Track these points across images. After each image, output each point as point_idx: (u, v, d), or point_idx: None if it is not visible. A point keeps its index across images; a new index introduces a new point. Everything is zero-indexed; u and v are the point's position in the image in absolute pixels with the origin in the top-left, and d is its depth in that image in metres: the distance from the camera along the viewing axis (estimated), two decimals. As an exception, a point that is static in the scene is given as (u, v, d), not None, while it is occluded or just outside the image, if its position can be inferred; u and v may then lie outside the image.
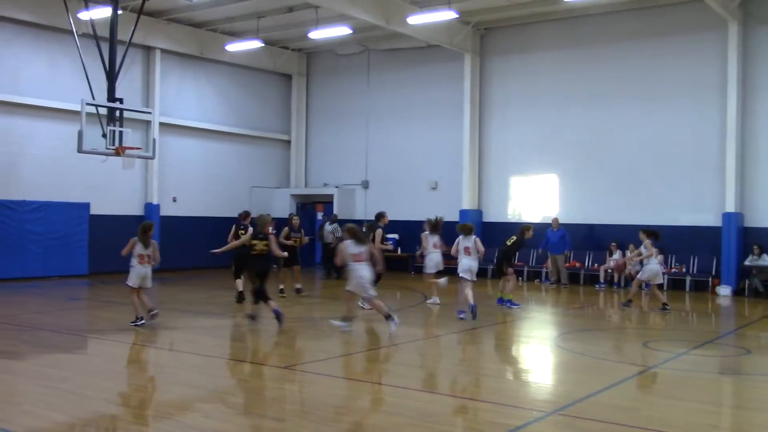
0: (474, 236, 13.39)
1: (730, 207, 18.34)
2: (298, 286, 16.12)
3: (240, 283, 14.86)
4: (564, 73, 21.18)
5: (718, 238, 18.56)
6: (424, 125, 23.72)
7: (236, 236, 14.82)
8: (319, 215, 25.45)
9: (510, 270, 14.85)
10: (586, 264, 20.31)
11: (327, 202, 25.32)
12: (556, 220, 20.06)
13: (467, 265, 13.20)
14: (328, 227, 22.25)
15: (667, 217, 19.33)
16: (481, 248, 13.38)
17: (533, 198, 21.80)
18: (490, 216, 22.44)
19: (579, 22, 20.90)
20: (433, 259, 14.96)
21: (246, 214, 15.54)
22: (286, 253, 14.17)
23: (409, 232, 21.58)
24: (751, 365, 10.10)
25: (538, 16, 21.20)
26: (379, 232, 14.77)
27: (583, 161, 20.83)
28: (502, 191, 22.36)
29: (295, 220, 16.37)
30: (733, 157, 18.27)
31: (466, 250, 13.29)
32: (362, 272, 11.38)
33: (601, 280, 19.32)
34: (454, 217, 22.24)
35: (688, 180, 19.27)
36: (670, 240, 19.23)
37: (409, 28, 19.99)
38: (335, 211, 23.47)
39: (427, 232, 15.23)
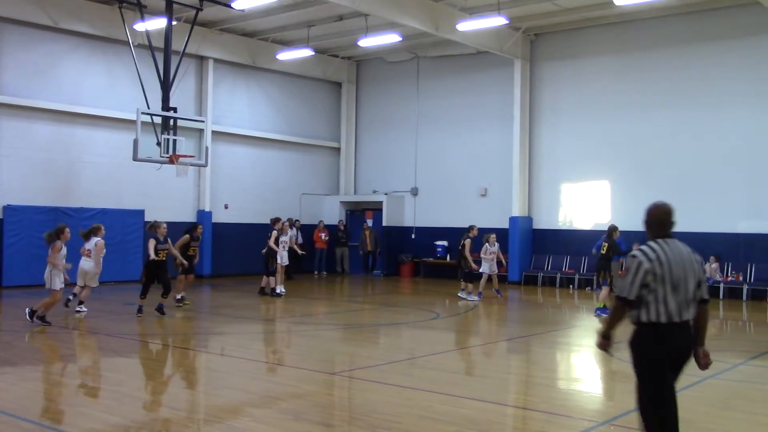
0: (485, 244, 17.56)
1: (790, 214, 17.87)
2: (179, 295, 15.43)
3: (272, 280, 17.16)
4: (615, 79, 20.87)
5: (777, 246, 18.07)
6: (473, 132, 23.62)
7: (276, 241, 16.99)
8: (369, 222, 25.48)
9: (608, 281, 15.47)
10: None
11: (376, 209, 25.39)
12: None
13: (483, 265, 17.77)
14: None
15: (722, 224, 18.87)
16: (487, 256, 17.52)
17: (584, 205, 21.50)
18: (541, 223, 22.22)
19: (630, 27, 20.58)
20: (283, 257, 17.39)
21: (276, 219, 17.50)
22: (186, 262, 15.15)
23: (458, 239, 21.48)
24: (813, 377, 9.79)
25: (588, 21, 20.96)
26: (468, 241, 17.41)
27: (635, 168, 20.47)
28: (552, 198, 22.12)
29: (199, 229, 16.13)
30: (792, 162, 17.80)
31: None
32: (84, 266, 13.81)
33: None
34: (504, 224, 22.12)
35: (744, 187, 18.77)
36: (726, 248, 18.78)
37: (458, 34, 19.97)
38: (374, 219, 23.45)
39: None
